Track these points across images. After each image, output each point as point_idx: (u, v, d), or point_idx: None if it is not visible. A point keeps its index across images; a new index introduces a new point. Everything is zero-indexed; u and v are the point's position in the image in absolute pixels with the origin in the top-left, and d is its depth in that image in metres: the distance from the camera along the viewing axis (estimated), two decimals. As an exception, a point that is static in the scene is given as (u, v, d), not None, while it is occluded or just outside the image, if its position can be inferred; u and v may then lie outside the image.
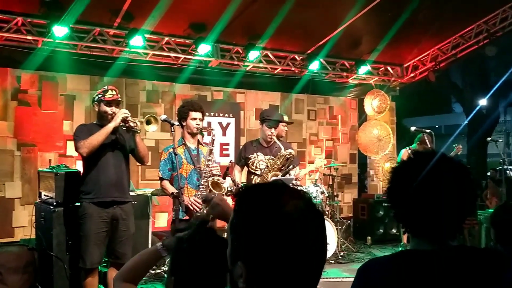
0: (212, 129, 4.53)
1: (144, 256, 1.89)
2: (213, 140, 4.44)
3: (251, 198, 1.10)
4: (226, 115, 8.07)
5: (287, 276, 1.04)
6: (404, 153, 6.96)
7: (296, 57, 8.15)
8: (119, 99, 4.19)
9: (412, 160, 1.48)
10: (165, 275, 5.80)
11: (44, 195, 5.03)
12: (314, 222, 1.09)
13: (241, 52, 7.56)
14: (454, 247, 1.42)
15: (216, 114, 7.94)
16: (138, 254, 1.93)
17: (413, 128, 6.46)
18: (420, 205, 1.39)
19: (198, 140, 4.58)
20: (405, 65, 9.20)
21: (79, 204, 4.21)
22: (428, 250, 1.40)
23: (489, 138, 7.33)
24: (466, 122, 14.25)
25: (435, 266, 1.36)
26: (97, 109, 4.20)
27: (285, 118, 5.77)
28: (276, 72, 8.24)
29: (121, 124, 4.06)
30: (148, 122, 4.23)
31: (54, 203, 4.60)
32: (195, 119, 4.44)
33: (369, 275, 1.42)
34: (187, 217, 4.30)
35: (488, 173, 11.89)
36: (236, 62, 7.69)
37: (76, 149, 4.10)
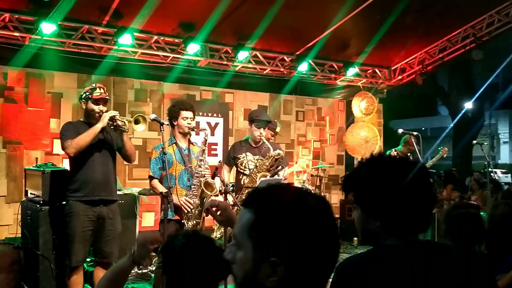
0: (204, 129, 4.52)
1: (116, 269, 1.93)
2: (206, 140, 4.43)
3: (276, 197, 1.13)
4: (215, 115, 8.06)
5: (314, 268, 1.10)
6: (391, 154, 7.02)
7: (285, 58, 8.17)
8: (107, 97, 4.17)
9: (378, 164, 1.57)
10: (152, 275, 5.79)
11: (31, 193, 4.99)
12: (331, 216, 1.17)
13: (230, 52, 7.56)
14: (423, 241, 1.51)
15: (205, 114, 7.93)
16: (112, 266, 1.99)
17: (400, 130, 6.52)
18: (390, 204, 1.49)
19: (189, 139, 4.57)
20: (392, 68, 9.28)
21: (65, 202, 4.18)
22: (399, 245, 1.48)
23: (474, 141, 7.42)
24: (452, 125, 14.42)
25: (407, 259, 1.44)
26: (84, 107, 4.17)
27: (278, 129, 5.87)
28: (265, 72, 8.26)
29: (109, 123, 4.04)
30: (137, 122, 4.22)
31: (41, 202, 4.57)
32: (186, 118, 4.42)
33: (347, 273, 1.46)
34: (176, 217, 4.29)
35: (473, 176, 12.03)
36: (225, 62, 7.68)
37: (63, 148, 4.08)
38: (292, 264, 1.07)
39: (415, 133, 6.26)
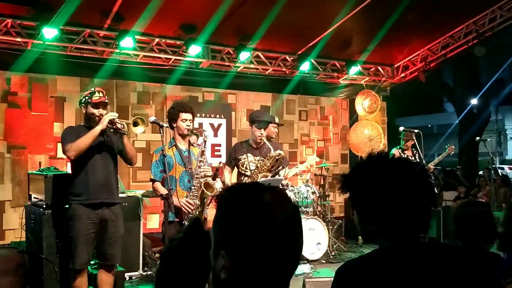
0: (204, 131, 4.53)
1: None
2: (205, 141, 4.44)
3: (233, 194, 1.18)
4: (218, 116, 8.07)
5: (265, 265, 1.10)
6: (395, 152, 7.01)
7: (287, 57, 8.17)
8: (106, 101, 4.19)
9: (366, 166, 1.55)
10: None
11: (34, 197, 5.03)
12: (292, 215, 1.16)
13: (232, 53, 7.57)
14: (425, 243, 1.48)
15: (208, 115, 7.94)
16: None
17: (401, 128, 6.53)
18: (387, 206, 1.46)
19: (189, 141, 4.59)
20: (395, 65, 9.25)
21: (68, 206, 4.21)
22: (399, 247, 1.45)
23: (478, 138, 7.39)
24: (457, 121, 14.33)
25: (410, 261, 1.42)
26: (84, 111, 4.21)
27: (276, 120, 5.80)
28: (267, 72, 8.26)
29: (109, 126, 4.06)
30: (135, 124, 4.24)
31: (44, 206, 4.61)
32: (185, 120, 4.44)
33: (348, 276, 1.45)
34: (177, 219, 4.31)
35: (480, 172, 11.96)
36: (227, 63, 7.70)
37: (64, 152, 4.11)
38: (236, 261, 1.10)
39: (416, 130, 6.26)
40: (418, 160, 6.70)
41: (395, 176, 1.47)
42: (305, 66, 8.12)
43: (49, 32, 6.04)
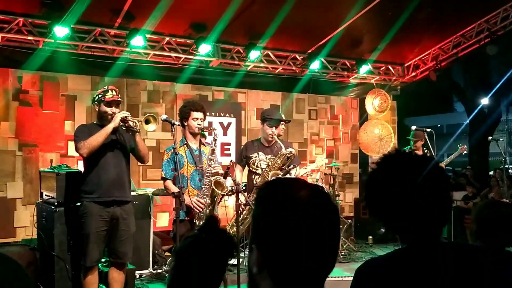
0: (214, 129, 4.54)
1: None
2: (215, 139, 4.45)
3: (269, 189, 1.16)
4: (227, 115, 8.07)
5: (295, 262, 1.07)
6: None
7: (297, 56, 8.15)
8: (119, 99, 4.21)
9: (380, 169, 1.53)
10: (167, 274, 5.82)
11: (46, 195, 5.06)
12: (326, 210, 1.12)
13: (242, 52, 7.56)
14: (445, 243, 1.46)
15: (217, 114, 7.94)
16: None
17: (413, 127, 6.46)
18: (404, 207, 1.43)
19: (200, 140, 4.59)
20: (406, 64, 9.19)
21: (80, 203, 4.23)
22: (422, 247, 1.43)
23: (490, 137, 7.33)
24: (467, 121, 14.22)
25: (432, 261, 1.40)
26: (97, 109, 4.23)
27: (283, 117, 5.80)
28: (277, 71, 8.24)
29: (121, 124, 4.07)
30: (147, 122, 4.25)
31: (56, 203, 4.62)
32: (197, 119, 4.45)
33: (368, 276, 1.43)
34: (188, 218, 4.32)
35: (491, 172, 11.86)
36: (237, 62, 7.69)
37: (76, 150, 4.13)
38: (267, 254, 1.09)
39: (428, 129, 6.21)
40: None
41: (408, 173, 1.45)
42: (315, 65, 8.09)
43: (61, 31, 6.06)
